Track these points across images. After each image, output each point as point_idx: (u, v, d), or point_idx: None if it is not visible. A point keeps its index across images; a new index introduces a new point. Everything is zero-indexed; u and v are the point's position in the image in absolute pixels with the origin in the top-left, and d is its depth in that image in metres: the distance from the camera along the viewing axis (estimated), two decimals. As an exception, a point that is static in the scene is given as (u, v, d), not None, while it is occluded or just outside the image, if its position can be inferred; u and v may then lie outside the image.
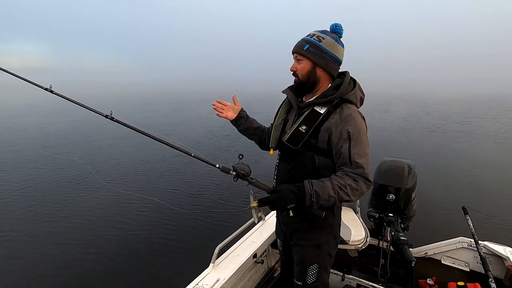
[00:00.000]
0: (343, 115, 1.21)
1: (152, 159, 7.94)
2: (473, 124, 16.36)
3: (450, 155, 8.97)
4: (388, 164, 2.39)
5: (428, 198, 5.07)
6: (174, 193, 5.61)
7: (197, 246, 3.76)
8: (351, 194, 1.15)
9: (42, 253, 3.61)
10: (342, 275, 2.13)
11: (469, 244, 2.30)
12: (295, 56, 1.31)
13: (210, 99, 12.51)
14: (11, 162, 7.34)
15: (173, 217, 4.57)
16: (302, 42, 1.28)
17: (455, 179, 6.64)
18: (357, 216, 2.31)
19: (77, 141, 10.03)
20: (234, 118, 1.50)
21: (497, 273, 2.18)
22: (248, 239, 2.12)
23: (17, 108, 21.53)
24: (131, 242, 3.88)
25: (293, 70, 1.32)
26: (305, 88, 1.33)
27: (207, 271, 1.74)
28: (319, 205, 1.16)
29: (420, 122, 16.71)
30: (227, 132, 11.52)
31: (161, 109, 21.95)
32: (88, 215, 4.61)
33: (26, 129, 12.36)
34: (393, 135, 12.31)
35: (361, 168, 1.17)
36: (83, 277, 3.22)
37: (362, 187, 1.17)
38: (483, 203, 5.20)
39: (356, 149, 1.18)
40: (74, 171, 6.61)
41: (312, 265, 1.38)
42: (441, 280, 2.14)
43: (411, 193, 2.27)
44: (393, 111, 22.54)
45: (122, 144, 9.72)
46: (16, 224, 4.30)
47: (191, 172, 6.84)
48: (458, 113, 21.83)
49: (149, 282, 3.15)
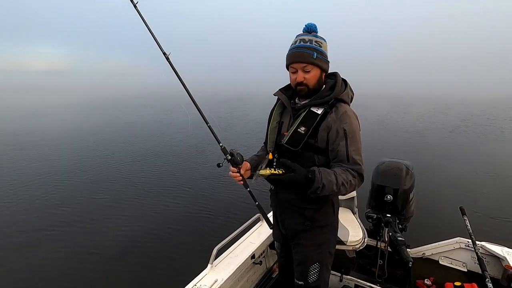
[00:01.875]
0: (339, 114, 1.24)
1: (148, 160, 7.92)
2: (472, 124, 16.43)
3: (447, 156, 8.99)
4: (386, 165, 2.40)
5: (426, 199, 5.08)
6: (173, 193, 5.60)
7: (195, 246, 3.76)
8: (348, 190, 1.21)
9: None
10: (340, 276, 2.13)
11: (467, 245, 2.30)
12: (302, 67, 1.23)
13: (228, 100, 12.59)
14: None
15: (171, 217, 4.56)
16: (308, 50, 1.22)
17: (452, 179, 6.66)
18: (355, 216, 2.32)
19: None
20: (250, 174, 1.45)
21: (494, 274, 2.18)
22: (246, 240, 2.12)
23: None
24: (128, 243, 3.87)
25: (300, 81, 1.25)
26: (312, 95, 1.30)
27: (205, 272, 1.74)
28: (323, 193, 1.18)
29: (430, 122, 16.67)
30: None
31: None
32: (87, 215, 4.59)
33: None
34: (393, 134, 12.34)
35: (359, 165, 1.22)
36: (82, 277, 3.21)
37: (358, 183, 1.23)
38: (480, 203, 5.22)
39: (353, 147, 1.22)
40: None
41: (314, 264, 1.39)
42: (438, 281, 2.15)
43: (409, 194, 2.28)
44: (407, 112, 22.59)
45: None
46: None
47: (192, 171, 6.84)
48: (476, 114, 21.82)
49: (147, 283, 3.14)
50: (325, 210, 1.36)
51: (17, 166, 7.27)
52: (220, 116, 16.68)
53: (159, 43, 1.52)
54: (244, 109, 20.38)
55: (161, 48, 1.53)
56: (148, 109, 21.30)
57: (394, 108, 21.38)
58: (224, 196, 5.39)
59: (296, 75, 1.26)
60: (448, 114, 18.65)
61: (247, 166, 1.42)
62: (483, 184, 6.43)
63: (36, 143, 9.83)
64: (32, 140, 10.30)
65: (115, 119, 16.15)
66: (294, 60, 1.24)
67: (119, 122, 15.12)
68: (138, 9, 1.53)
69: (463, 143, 11.26)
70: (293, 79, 1.28)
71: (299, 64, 1.24)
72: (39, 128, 13.02)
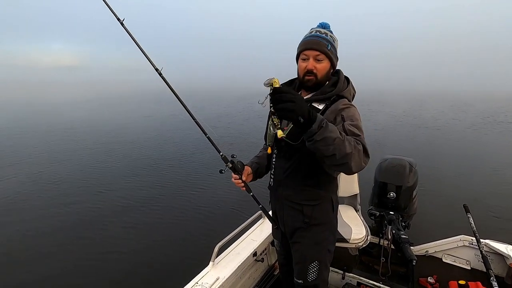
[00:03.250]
0: (338, 105, 1.22)
1: (153, 156, 7.94)
2: (480, 122, 16.31)
3: (451, 153, 8.93)
4: (389, 162, 2.38)
5: (429, 196, 5.06)
6: (175, 191, 5.61)
7: (197, 244, 3.76)
8: (353, 150, 1.01)
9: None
10: (343, 274, 2.13)
11: (471, 242, 2.28)
12: (315, 55, 1.21)
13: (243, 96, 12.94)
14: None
15: (172, 215, 4.57)
16: (322, 40, 1.22)
17: (456, 176, 6.62)
18: (357, 214, 2.30)
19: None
20: (252, 178, 1.45)
21: (498, 272, 2.17)
22: (248, 237, 2.12)
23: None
24: (129, 241, 3.88)
25: (310, 69, 1.23)
26: (318, 88, 1.28)
27: (207, 270, 1.73)
28: (322, 139, 0.98)
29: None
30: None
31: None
32: (84, 214, 4.62)
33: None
34: (393, 132, 12.29)
35: (359, 136, 1.09)
36: (81, 276, 3.23)
37: (363, 154, 1.05)
38: (484, 201, 5.18)
39: (352, 127, 1.13)
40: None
41: (313, 263, 1.37)
42: (442, 279, 2.13)
43: (412, 191, 2.26)
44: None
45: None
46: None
47: (194, 169, 6.85)
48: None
49: (149, 281, 3.15)
50: (324, 207, 1.35)
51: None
52: (239, 112, 18.88)
53: (150, 59, 1.45)
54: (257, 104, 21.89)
55: (153, 64, 1.46)
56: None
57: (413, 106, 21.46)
58: (226, 193, 5.39)
59: (306, 62, 1.24)
60: (467, 111, 18.53)
61: (248, 171, 1.41)
62: (488, 181, 6.39)
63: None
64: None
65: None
66: (308, 47, 1.22)
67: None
68: (125, 26, 1.47)
69: (469, 139, 11.19)
70: (303, 67, 1.25)
71: (313, 51, 1.22)
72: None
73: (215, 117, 16.10)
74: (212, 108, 21.70)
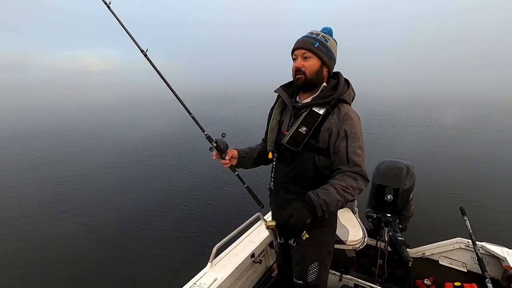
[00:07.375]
0: (341, 115, 1.23)
1: (145, 157, 7.92)
2: (476, 126, 16.41)
3: (448, 156, 8.98)
4: (386, 164, 2.39)
5: (426, 199, 5.08)
6: (173, 192, 5.60)
7: (195, 245, 3.76)
8: (354, 194, 1.18)
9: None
10: (340, 275, 2.13)
11: (467, 245, 2.30)
12: (302, 53, 1.26)
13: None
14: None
15: (170, 216, 4.56)
16: (310, 39, 1.25)
17: (453, 179, 6.65)
18: (355, 216, 2.31)
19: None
20: (237, 162, 1.45)
21: (494, 274, 2.18)
22: (246, 239, 2.12)
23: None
24: (127, 241, 3.88)
25: (298, 67, 1.27)
26: (309, 87, 1.30)
27: (205, 271, 1.73)
28: (330, 212, 1.15)
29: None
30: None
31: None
32: (84, 214, 4.60)
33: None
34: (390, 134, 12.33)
35: (359, 167, 1.20)
36: (80, 275, 3.21)
37: (362, 185, 1.20)
38: (481, 204, 5.21)
39: (353, 148, 1.21)
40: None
41: (313, 264, 1.39)
42: (438, 281, 2.15)
43: (409, 194, 2.27)
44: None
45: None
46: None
47: (192, 170, 6.84)
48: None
49: (146, 282, 3.14)
50: None
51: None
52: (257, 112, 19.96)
53: (135, 40, 1.54)
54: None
55: (137, 45, 1.55)
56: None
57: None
58: (224, 195, 5.40)
59: (296, 62, 1.29)
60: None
61: (233, 153, 1.41)
62: (484, 184, 6.43)
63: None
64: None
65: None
66: (296, 47, 1.28)
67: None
68: (111, 9, 1.56)
69: (464, 141, 11.25)
70: (293, 67, 1.30)
71: (300, 50, 1.26)
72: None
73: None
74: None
